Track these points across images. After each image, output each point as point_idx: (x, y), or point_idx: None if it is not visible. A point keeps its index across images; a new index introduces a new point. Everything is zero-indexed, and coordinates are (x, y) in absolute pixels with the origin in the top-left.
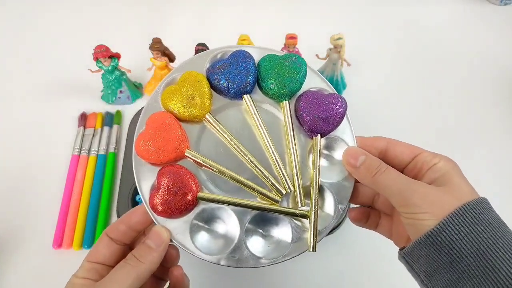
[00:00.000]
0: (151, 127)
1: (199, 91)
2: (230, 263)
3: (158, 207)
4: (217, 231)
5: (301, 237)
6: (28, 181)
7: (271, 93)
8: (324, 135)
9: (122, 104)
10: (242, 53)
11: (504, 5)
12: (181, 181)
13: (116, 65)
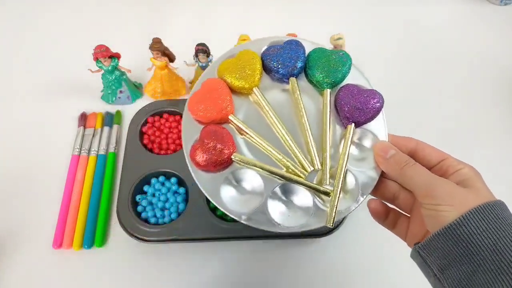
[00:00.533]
0: (205, 88)
1: (251, 67)
2: (249, 222)
3: (197, 159)
4: (243, 191)
5: (321, 214)
6: (28, 181)
7: (315, 80)
8: (358, 125)
9: (122, 104)
10: (295, 42)
11: (504, 5)
12: (221, 140)
13: (116, 65)
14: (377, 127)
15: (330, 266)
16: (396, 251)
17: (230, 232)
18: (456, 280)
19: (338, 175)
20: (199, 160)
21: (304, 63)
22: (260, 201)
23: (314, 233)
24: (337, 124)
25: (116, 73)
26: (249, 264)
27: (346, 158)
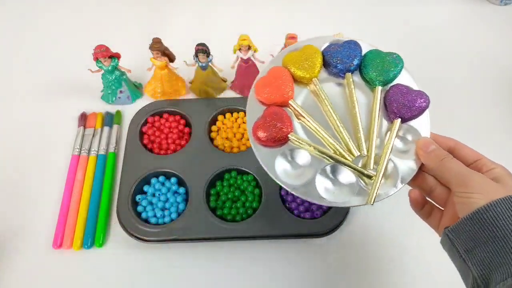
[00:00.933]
0: (271, 75)
1: (312, 60)
2: (298, 192)
3: (258, 134)
4: (295, 166)
5: (362, 194)
6: (28, 181)
7: (368, 77)
8: (404, 120)
9: (122, 104)
10: (354, 42)
11: (504, 5)
12: (281, 120)
13: (116, 65)
14: (420, 125)
15: (330, 266)
16: (396, 251)
17: (230, 232)
18: (480, 259)
19: (381, 162)
20: (260, 136)
21: (360, 61)
22: (309, 176)
23: (314, 233)
24: (384, 118)
25: (116, 73)
26: (249, 264)
27: (390, 148)
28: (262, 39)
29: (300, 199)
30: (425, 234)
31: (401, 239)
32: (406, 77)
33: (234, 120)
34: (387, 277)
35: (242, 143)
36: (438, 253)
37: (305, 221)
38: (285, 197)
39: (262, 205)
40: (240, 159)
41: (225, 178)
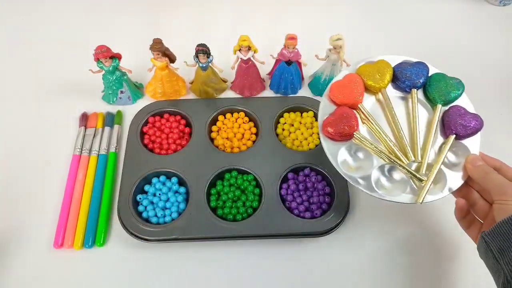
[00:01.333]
0: (346, 80)
1: (383, 73)
2: (354, 182)
3: (328, 129)
4: (356, 159)
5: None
6: (29, 181)
7: (431, 96)
8: (458, 138)
9: (123, 105)
10: (423, 64)
11: (503, 6)
12: (349, 118)
13: (116, 65)
14: (472, 144)
15: (329, 266)
16: (395, 251)
17: (231, 231)
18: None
19: (434, 168)
20: (330, 130)
21: (425, 81)
22: (366, 171)
23: (314, 233)
24: (440, 133)
25: (117, 73)
26: (249, 263)
27: (443, 158)
28: (262, 40)
29: (300, 198)
30: (425, 234)
31: (401, 238)
32: (464, 100)
33: (235, 120)
34: (387, 276)
35: (243, 143)
36: (437, 253)
37: (305, 221)
38: (285, 196)
39: (262, 205)
40: (240, 159)
41: (225, 178)
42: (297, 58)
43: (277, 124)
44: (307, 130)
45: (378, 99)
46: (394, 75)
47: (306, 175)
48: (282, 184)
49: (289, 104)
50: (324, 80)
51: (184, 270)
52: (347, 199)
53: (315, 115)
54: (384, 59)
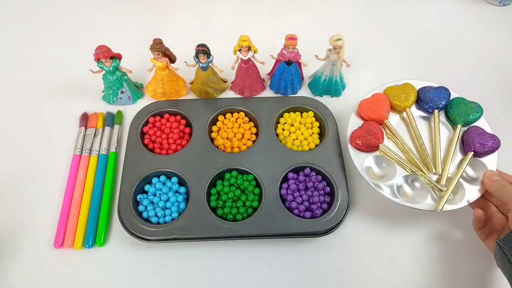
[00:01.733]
0: (374, 98)
1: (408, 94)
2: (377, 188)
3: (356, 140)
4: (380, 168)
5: (432, 203)
6: (29, 180)
7: (452, 117)
8: (476, 155)
9: (123, 105)
10: (445, 88)
11: (502, 6)
12: (376, 132)
13: (117, 65)
14: (489, 161)
15: (329, 265)
16: (395, 251)
17: (231, 231)
18: None
19: (454, 180)
20: (358, 142)
21: (447, 103)
22: (391, 179)
23: (314, 232)
24: (459, 151)
25: (117, 73)
26: (249, 263)
27: (462, 171)
28: (262, 40)
29: (300, 198)
30: (425, 234)
31: (401, 239)
32: (482, 121)
33: (235, 120)
34: (387, 276)
35: (243, 143)
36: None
37: (305, 221)
38: (285, 196)
39: (262, 205)
40: (240, 159)
41: (225, 178)
42: (297, 58)
43: (277, 124)
44: (307, 130)
45: (403, 117)
46: (418, 97)
47: (306, 175)
48: (282, 184)
49: (289, 104)
50: (324, 80)
51: (184, 270)
52: (347, 199)
53: (315, 115)
54: (409, 82)
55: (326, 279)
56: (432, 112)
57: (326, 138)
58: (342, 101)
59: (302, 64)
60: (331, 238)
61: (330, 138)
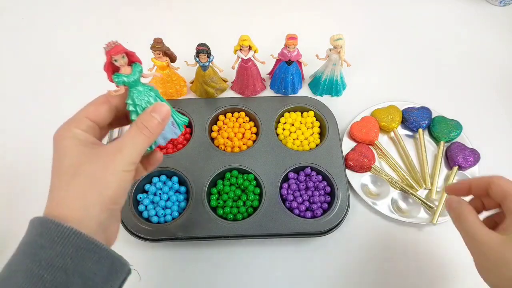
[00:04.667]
0: (364, 121)
1: (394, 115)
2: (374, 205)
3: (350, 162)
4: (375, 186)
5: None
6: (29, 180)
7: (435, 135)
8: (460, 168)
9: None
10: (427, 108)
11: (503, 6)
12: (368, 153)
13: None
14: (471, 173)
15: (329, 265)
16: (395, 250)
17: (231, 231)
18: None
19: (442, 195)
20: (351, 163)
21: (429, 122)
22: (385, 196)
23: (314, 232)
24: (444, 165)
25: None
26: (249, 263)
27: None
28: (262, 40)
29: (300, 198)
30: (424, 234)
31: (401, 239)
32: (463, 137)
33: (235, 120)
34: (387, 275)
35: (243, 143)
36: (435, 252)
37: (306, 220)
38: (285, 196)
39: (262, 204)
40: (241, 158)
41: (226, 177)
42: (298, 58)
43: (278, 124)
44: (308, 130)
45: (391, 137)
46: (403, 117)
47: (307, 174)
48: (283, 184)
49: (289, 104)
50: (325, 80)
51: (184, 270)
52: (347, 198)
53: (316, 115)
54: (394, 104)
55: (326, 278)
56: (416, 131)
57: (327, 138)
58: (343, 101)
59: (303, 63)
60: (331, 238)
61: (330, 138)
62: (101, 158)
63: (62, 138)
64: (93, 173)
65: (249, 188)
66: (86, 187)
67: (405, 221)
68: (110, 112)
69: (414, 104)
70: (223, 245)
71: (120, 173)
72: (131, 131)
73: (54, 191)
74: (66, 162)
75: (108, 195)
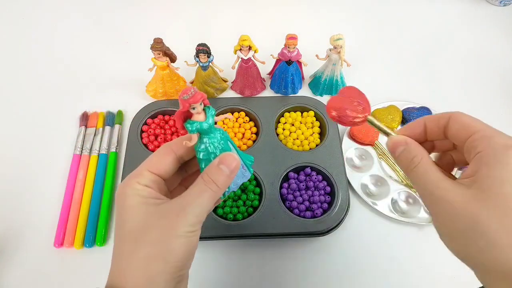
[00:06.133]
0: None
1: (394, 115)
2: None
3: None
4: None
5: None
6: (29, 180)
7: None
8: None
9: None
10: (427, 108)
11: (503, 6)
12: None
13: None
14: None
15: (330, 265)
16: (395, 250)
17: (231, 230)
18: None
19: None
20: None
21: None
22: (385, 197)
23: (314, 232)
24: None
25: (218, 133)
26: (249, 263)
27: None
28: (262, 40)
29: (300, 198)
30: (424, 233)
31: (401, 238)
32: None
33: (235, 120)
34: (387, 275)
35: (243, 143)
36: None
37: (306, 220)
38: (285, 196)
39: (262, 204)
40: None
41: None
42: (298, 57)
43: (278, 124)
44: (308, 130)
45: None
46: (403, 117)
47: (307, 174)
48: (283, 184)
49: (289, 104)
50: (325, 80)
51: None
52: (347, 198)
53: (316, 114)
54: (394, 104)
55: (327, 279)
56: None
57: (327, 138)
58: None
59: (303, 63)
60: (331, 238)
61: (330, 138)
62: (164, 220)
63: (124, 196)
64: (156, 238)
65: (249, 188)
66: (150, 255)
67: (405, 221)
68: (174, 164)
69: (414, 104)
70: (223, 245)
71: (185, 236)
72: (197, 186)
73: (117, 259)
74: (128, 226)
75: (174, 262)
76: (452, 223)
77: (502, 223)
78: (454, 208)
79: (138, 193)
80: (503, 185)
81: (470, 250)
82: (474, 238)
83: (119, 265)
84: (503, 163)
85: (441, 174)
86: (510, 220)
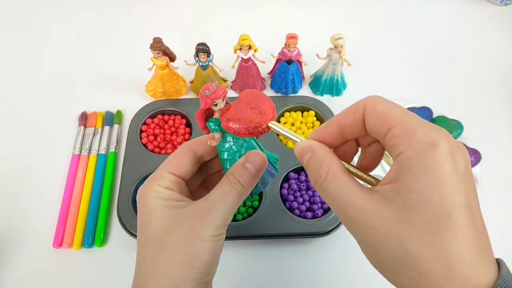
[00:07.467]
0: None
1: None
2: None
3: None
4: None
5: None
6: (28, 180)
7: None
8: None
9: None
10: (428, 108)
11: (504, 5)
12: (261, 101)
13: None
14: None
15: (330, 266)
16: None
17: (231, 231)
18: None
19: None
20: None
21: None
22: None
23: (315, 233)
24: None
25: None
26: (249, 263)
27: None
28: (262, 39)
29: (301, 198)
30: None
31: None
32: (464, 137)
33: None
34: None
35: None
36: None
37: (306, 221)
38: (286, 196)
39: (262, 205)
40: None
41: None
42: (298, 57)
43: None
44: (308, 130)
45: None
46: None
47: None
48: (283, 184)
49: (289, 104)
50: (325, 79)
51: None
52: None
53: (316, 114)
54: None
55: (327, 279)
56: None
57: None
58: (343, 101)
59: (303, 63)
60: (332, 238)
61: None
62: (188, 223)
63: (145, 200)
64: (180, 242)
65: None
66: (174, 260)
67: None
68: (195, 164)
69: (414, 104)
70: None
71: (210, 240)
72: (222, 187)
73: (141, 264)
74: (151, 230)
75: (198, 268)
76: (378, 254)
77: (432, 247)
78: (378, 235)
79: (159, 195)
80: (430, 200)
81: (404, 282)
82: (404, 269)
83: (142, 270)
84: (427, 168)
85: (357, 189)
86: (439, 242)
